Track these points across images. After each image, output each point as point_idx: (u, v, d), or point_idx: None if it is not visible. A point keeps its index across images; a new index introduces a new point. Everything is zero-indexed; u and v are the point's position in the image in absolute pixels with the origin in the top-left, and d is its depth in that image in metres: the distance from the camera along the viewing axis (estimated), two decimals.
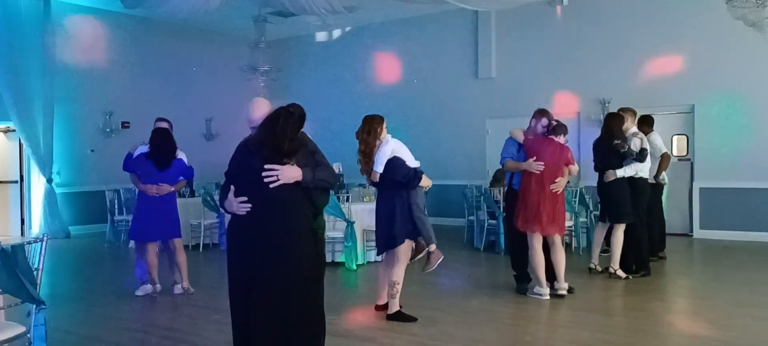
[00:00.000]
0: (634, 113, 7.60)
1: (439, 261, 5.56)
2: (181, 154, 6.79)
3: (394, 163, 5.39)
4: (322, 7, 11.11)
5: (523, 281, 6.58)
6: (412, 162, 5.50)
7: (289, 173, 3.50)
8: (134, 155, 6.75)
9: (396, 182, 5.40)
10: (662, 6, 10.94)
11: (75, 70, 12.38)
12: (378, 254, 6.08)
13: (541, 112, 6.47)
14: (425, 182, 5.46)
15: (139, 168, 6.59)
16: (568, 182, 7.06)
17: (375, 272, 8.05)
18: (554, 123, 6.36)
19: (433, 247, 5.45)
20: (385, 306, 5.69)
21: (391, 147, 5.42)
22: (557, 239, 6.31)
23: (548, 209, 6.14)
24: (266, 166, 3.49)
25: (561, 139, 6.29)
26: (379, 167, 5.39)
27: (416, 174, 5.39)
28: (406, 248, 5.49)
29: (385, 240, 5.53)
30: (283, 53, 15.03)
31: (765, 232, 10.05)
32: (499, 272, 8.06)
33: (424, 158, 5.68)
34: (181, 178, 6.79)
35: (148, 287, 6.79)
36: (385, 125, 5.50)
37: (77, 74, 12.42)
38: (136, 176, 6.65)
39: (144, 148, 6.76)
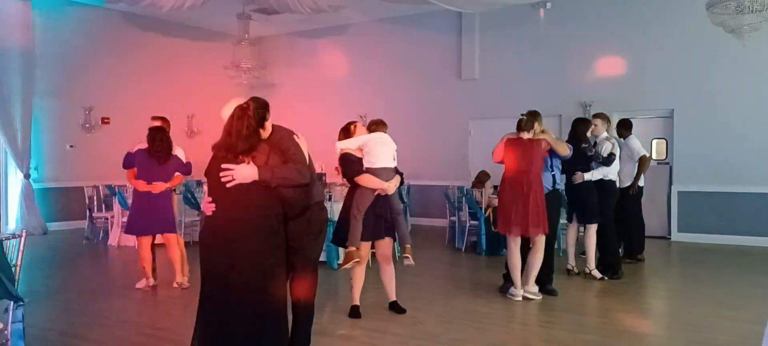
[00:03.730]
0: (607, 119, 7.71)
1: (349, 265, 5.46)
2: (177, 150, 6.96)
3: (344, 160, 5.49)
4: (307, 6, 11.08)
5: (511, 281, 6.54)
6: (383, 162, 5.44)
7: (244, 172, 3.51)
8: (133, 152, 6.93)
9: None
10: (644, 11, 11.07)
11: (55, 64, 12.21)
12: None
13: None
14: (367, 183, 5.39)
15: (137, 164, 6.73)
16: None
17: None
18: (523, 117, 6.23)
19: (351, 248, 5.46)
20: (394, 304, 5.87)
21: (341, 146, 5.48)
22: (539, 242, 6.27)
23: (520, 210, 6.10)
24: (223, 166, 3.52)
25: (526, 135, 6.21)
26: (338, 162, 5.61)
27: (350, 173, 5.42)
28: (364, 245, 5.59)
29: None
30: (266, 51, 14.99)
31: (742, 235, 10.22)
32: (480, 273, 8.11)
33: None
34: (177, 173, 6.96)
35: (143, 281, 6.97)
36: (354, 127, 5.55)
37: (57, 69, 12.26)
38: (132, 172, 6.80)
39: (141, 146, 6.91)
